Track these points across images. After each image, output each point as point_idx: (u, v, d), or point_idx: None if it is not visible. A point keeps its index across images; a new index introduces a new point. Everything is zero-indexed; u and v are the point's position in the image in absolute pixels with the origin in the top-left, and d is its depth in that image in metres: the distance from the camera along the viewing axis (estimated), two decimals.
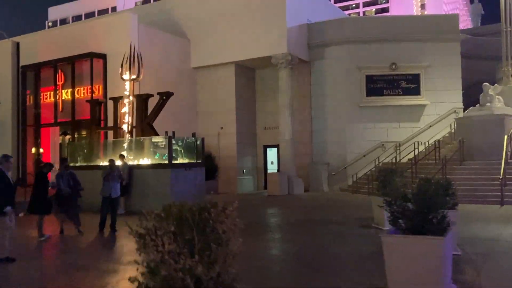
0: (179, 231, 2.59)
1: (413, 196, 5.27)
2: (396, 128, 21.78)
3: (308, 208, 15.08)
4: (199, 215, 2.67)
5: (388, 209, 5.38)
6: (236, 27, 22.02)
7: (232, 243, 2.68)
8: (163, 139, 15.45)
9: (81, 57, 20.31)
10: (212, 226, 2.67)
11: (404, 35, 21.59)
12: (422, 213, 5.21)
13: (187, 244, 2.62)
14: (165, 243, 2.59)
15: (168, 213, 2.70)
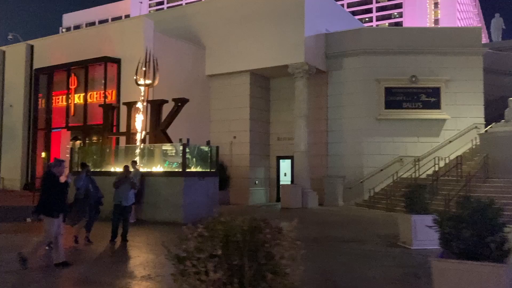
0: (226, 255, 2.04)
1: (469, 217, 4.67)
2: (415, 142, 21.11)
3: (326, 223, 14.43)
4: (250, 235, 2.11)
5: (439, 229, 4.78)
6: (253, 35, 21.63)
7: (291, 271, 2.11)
8: (177, 146, 14.98)
9: (95, 61, 20.00)
10: (266, 250, 2.11)
11: (425, 47, 21.03)
12: (477, 236, 4.61)
13: (235, 272, 2.06)
14: (209, 270, 2.03)
15: (213, 232, 2.14)
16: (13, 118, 23.56)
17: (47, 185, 7.82)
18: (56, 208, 7.70)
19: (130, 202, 10.42)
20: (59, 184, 7.78)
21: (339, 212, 18.20)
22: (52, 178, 7.82)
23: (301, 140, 20.66)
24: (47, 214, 7.69)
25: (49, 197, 7.73)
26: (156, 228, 12.71)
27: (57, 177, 7.84)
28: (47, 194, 7.79)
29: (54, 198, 7.73)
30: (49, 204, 7.69)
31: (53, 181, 7.77)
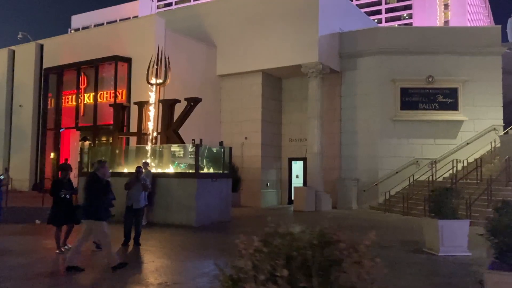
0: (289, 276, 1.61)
1: None
2: (431, 144, 20.58)
3: (343, 227, 13.83)
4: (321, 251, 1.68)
5: (493, 240, 4.32)
6: (265, 35, 21.22)
7: None
8: (187, 147, 14.61)
9: (105, 61, 19.70)
10: (342, 270, 1.68)
11: (442, 47, 20.50)
12: None
13: None
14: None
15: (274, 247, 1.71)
16: (22, 118, 23.33)
17: (93, 188, 7.61)
18: (104, 211, 7.62)
19: (142, 204, 10.03)
20: (104, 186, 7.63)
21: (354, 215, 17.69)
22: (98, 181, 7.65)
23: (314, 141, 20.20)
24: (97, 218, 7.50)
25: (96, 201, 7.55)
26: (168, 231, 12.32)
27: (102, 180, 7.69)
28: (93, 198, 7.58)
29: (101, 202, 7.57)
30: (97, 208, 7.50)
31: (99, 184, 7.61)
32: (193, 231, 12.59)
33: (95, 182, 7.65)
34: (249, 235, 7.98)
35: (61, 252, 8.92)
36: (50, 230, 12.09)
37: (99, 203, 7.55)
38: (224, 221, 14.40)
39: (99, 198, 7.57)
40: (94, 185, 7.61)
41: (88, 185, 7.69)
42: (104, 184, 7.66)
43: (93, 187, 7.60)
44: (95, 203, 7.53)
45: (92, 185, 7.64)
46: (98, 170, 7.81)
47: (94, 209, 7.48)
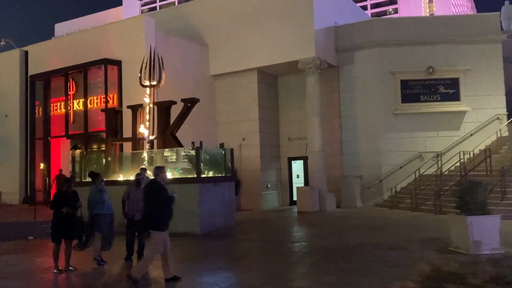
0: None
1: None
2: (434, 137, 20.03)
3: (353, 227, 13.29)
4: None
5: None
6: (258, 32, 20.54)
7: None
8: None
9: (94, 64, 18.86)
10: None
11: (441, 37, 19.98)
12: None
13: None
14: None
15: None
16: (8, 129, 22.34)
17: (153, 195, 7.06)
18: (164, 220, 7.03)
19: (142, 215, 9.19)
20: (165, 193, 7.06)
21: (361, 214, 17.07)
22: (158, 187, 7.11)
23: (315, 139, 19.55)
24: (154, 228, 7.00)
25: (156, 208, 6.99)
26: (172, 241, 11.50)
27: (163, 186, 7.15)
28: (153, 206, 7.03)
29: (161, 209, 7.00)
30: (156, 217, 6.97)
31: (159, 190, 7.08)
32: (198, 240, 11.86)
33: (154, 189, 7.09)
34: (261, 242, 7.08)
35: (59, 271, 8.08)
36: (45, 246, 11.29)
37: (158, 211, 6.95)
38: (229, 227, 13.66)
39: (159, 205, 6.98)
40: (153, 192, 7.06)
41: (147, 193, 7.15)
42: (163, 189, 7.10)
43: (152, 194, 7.04)
44: (155, 211, 6.93)
45: (151, 191, 7.09)
46: (158, 176, 7.30)
47: (153, 217, 6.90)
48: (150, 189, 7.20)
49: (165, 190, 7.13)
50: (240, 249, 10.35)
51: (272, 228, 14.13)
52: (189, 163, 13.68)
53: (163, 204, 7.01)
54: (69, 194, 8.32)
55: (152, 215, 7.00)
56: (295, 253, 9.77)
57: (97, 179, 8.89)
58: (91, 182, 9.06)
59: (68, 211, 8.14)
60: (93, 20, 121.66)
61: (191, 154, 13.31)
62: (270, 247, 10.54)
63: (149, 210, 7.09)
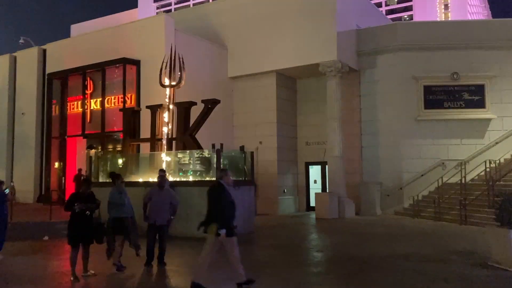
0: None
1: None
2: (457, 144, 19.46)
3: (378, 236, 12.81)
4: None
5: None
6: (278, 34, 20.19)
7: None
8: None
9: (112, 64, 18.61)
10: None
11: (466, 42, 19.44)
12: None
13: None
14: None
15: None
16: (25, 127, 22.24)
17: (217, 199, 6.87)
18: (227, 224, 6.78)
19: (165, 219, 8.81)
20: (230, 196, 6.89)
21: (383, 222, 16.57)
22: (222, 190, 6.92)
23: (335, 144, 19.10)
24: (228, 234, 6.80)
25: (218, 211, 6.80)
26: (191, 246, 11.15)
27: (227, 189, 6.97)
28: (215, 209, 6.84)
29: (224, 212, 6.79)
30: (219, 220, 6.75)
31: (224, 193, 6.88)
32: None
33: (218, 191, 6.91)
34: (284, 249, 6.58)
35: (76, 280, 7.65)
36: (61, 247, 11.00)
37: (221, 214, 6.73)
38: (248, 233, 13.25)
39: (222, 208, 6.77)
40: (217, 194, 6.87)
41: (210, 195, 6.95)
42: (227, 192, 6.92)
43: (220, 197, 6.84)
44: (217, 214, 6.71)
45: (215, 194, 6.90)
46: (221, 178, 7.07)
47: (216, 220, 6.68)
48: (214, 192, 6.97)
49: (229, 193, 6.95)
50: (263, 257, 9.94)
51: (293, 234, 13.70)
52: (208, 165, 13.34)
53: (228, 208, 6.81)
54: (86, 196, 7.93)
55: (217, 219, 6.77)
56: (323, 263, 9.35)
57: (117, 181, 8.54)
58: (112, 183, 8.71)
59: (81, 210, 7.70)
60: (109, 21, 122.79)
61: (208, 156, 12.94)
62: (295, 255, 10.12)
63: (213, 214, 6.85)
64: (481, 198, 15.87)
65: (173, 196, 8.92)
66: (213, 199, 6.90)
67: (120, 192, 8.45)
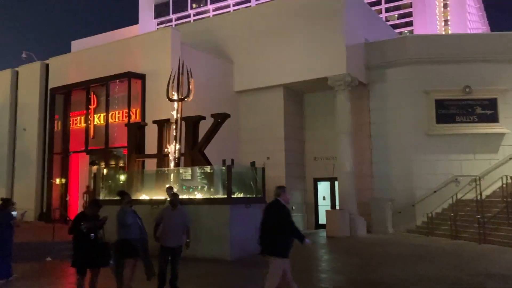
0: None
1: None
2: (470, 160, 18.95)
3: (397, 257, 12.20)
4: None
5: None
6: (286, 47, 19.83)
7: None
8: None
9: (117, 78, 18.18)
10: None
11: (478, 55, 19.08)
12: None
13: None
14: None
15: None
16: (26, 143, 21.74)
17: (276, 218, 6.46)
18: (288, 245, 6.45)
19: (179, 241, 8.23)
20: (289, 215, 6.49)
21: (397, 241, 15.96)
22: (282, 208, 6.50)
23: (345, 159, 18.58)
24: (278, 254, 6.41)
25: (281, 233, 6.41)
26: (202, 268, 10.59)
27: (286, 207, 6.56)
28: (277, 230, 6.42)
29: (285, 234, 6.38)
30: (280, 241, 6.39)
31: (283, 212, 6.46)
32: (230, 267, 10.88)
33: (280, 211, 6.46)
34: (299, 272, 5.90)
35: None
36: (65, 270, 10.41)
37: (286, 236, 6.34)
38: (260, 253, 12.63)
39: (285, 229, 6.37)
40: (281, 215, 6.43)
41: (272, 215, 6.52)
42: (287, 211, 6.51)
43: (279, 216, 6.42)
44: (281, 237, 6.31)
45: (278, 214, 6.44)
46: (279, 196, 6.60)
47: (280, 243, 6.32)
48: (273, 211, 6.57)
49: (289, 212, 6.54)
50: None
51: (306, 255, 13.05)
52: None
53: (288, 227, 6.38)
54: (92, 218, 7.34)
55: (276, 240, 6.37)
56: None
57: (123, 199, 8.00)
58: (120, 201, 8.16)
59: (88, 230, 7.11)
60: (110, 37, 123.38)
61: (217, 172, 12.42)
62: (314, 278, 9.54)
63: (271, 234, 6.44)
64: (500, 215, 15.31)
65: (186, 216, 8.35)
66: (272, 219, 6.46)
67: (125, 212, 7.89)
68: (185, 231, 8.28)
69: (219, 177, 12.66)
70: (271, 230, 6.44)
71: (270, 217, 6.53)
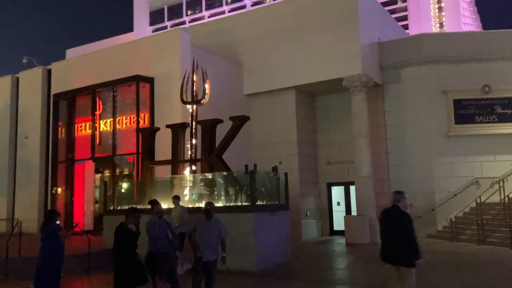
0: None
1: None
2: (491, 161, 18.34)
3: (434, 266, 11.45)
4: None
5: None
6: (297, 48, 19.19)
7: None
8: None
9: (125, 81, 17.43)
10: None
11: (497, 53, 18.55)
12: None
13: None
14: None
15: None
16: (28, 151, 20.89)
17: (402, 226, 6.17)
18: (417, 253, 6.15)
19: (215, 254, 7.46)
20: (411, 222, 6.23)
21: (422, 247, 15.16)
22: (403, 215, 6.24)
23: (363, 163, 17.90)
24: (409, 264, 6.13)
25: (409, 241, 6.15)
26: (230, 281, 9.82)
27: (408, 214, 6.33)
28: (403, 238, 6.16)
29: (412, 241, 6.13)
30: (408, 250, 6.13)
31: (405, 219, 6.23)
32: (258, 280, 10.11)
33: (404, 218, 6.22)
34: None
35: None
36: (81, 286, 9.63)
37: (412, 243, 6.06)
38: (285, 263, 11.90)
39: (406, 238, 6.11)
40: (406, 222, 6.18)
41: (397, 222, 6.23)
42: (409, 217, 6.25)
43: (405, 224, 6.16)
44: (409, 245, 6.03)
45: (402, 222, 6.19)
46: (398, 202, 6.34)
47: (408, 251, 6.03)
48: (393, 218, 6.31)
49: (411, 220, 6.28)
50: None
51: (336, 265, 12.36)
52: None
53: (412, 235, 6.15)
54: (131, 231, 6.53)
55: (405, 248, 6.12)
56: None
57: (153, 209, 7.25)
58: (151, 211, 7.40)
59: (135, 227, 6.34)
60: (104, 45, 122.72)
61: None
62: None
63: (399, 243, 6.16)
64: None
65: (222, 227, 7.59)
66: (397, 227, 6.21)
67: (152, 224, 7.14)
68: (221, 243, 7.52)
69: (242, 183, 11.90)
70: (394, 238, 6.20)
71: (390, 225, 6.31)
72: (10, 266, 11.09)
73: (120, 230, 6.54)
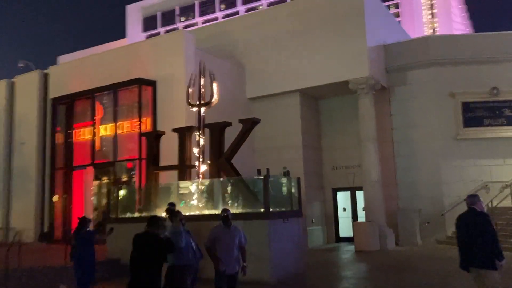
0: None
1: None
2: (501, 165, 18.00)
3: (454, 274, 11.01)
4: None
5: None
6: (302, 50, 18.80)
7: None
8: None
9: (126, 85, 16.91)
10: None
11: (505, 55, 18.27)
12: None
13: None
14: None
15: None
16: (25, 158, 20.20)
17: (482, 227, 6.06)
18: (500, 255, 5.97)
19: (238, 266, 6.94)
20: (491, 222, 6.16)
21: (434, 253, 14.81)
22: (482, 216, 6.21)
23: (371, 167, 17.48)
24: (491, 267, 5.94)
25: (490, 243, 5.99)
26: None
27: (487, 214, 6.35)
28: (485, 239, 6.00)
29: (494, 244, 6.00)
30: (489, 252, 5.96)
31: (485, 218, 6.17)
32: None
33: (485, 219, 6.17)
34: None
35: None
36: None
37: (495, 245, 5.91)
38: (300, 273, 11.37)
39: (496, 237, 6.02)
40: (488, 223, 6.12)
41: (478, 224, 6.11)
42: (490, 221, 6.18)
43: (485, 225, 6.08)
44: (490, 247, 5.89)
45: (483, 223, 6.10)
46: (475, 204, 6.33)
47: (489, 254, 5.89)
48: (472, 221, 6.20)
49: (490, 220, 6.24)
50: None
51: (353, 274, 11.85)
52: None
53: (494, 235, 6.07)
54: None
55: (485, 251, 5.97)
56: None
57: (175, 216, 6.71)
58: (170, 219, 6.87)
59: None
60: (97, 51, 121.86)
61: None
62: None
63: (481, 245, 6.00)
64: None
65: (242, 235, 7.07)
66: (478, 229, 6.07)
67: (178, 232, 6.60)
68: (241, 252, 7.00)
69: (254, 188, 11.39)
70: (475, 241, 6.03)
71: (468, 229, 6.17)
72: (9, 277, 10.47)
73: (147, 238, 5.86)
